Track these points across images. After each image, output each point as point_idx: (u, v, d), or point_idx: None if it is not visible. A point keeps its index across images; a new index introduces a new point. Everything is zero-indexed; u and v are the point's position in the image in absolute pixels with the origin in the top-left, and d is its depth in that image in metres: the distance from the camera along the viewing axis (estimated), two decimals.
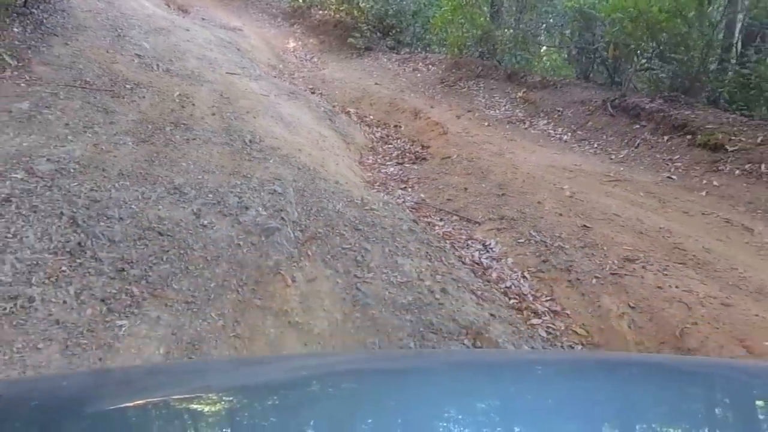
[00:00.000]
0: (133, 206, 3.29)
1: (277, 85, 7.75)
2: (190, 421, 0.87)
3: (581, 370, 1.15)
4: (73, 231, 2.94)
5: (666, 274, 3.46)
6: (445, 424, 0.86)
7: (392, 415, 0.88)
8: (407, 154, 6.40)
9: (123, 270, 2.77)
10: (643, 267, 3.56)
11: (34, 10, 7.32)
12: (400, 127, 7.47)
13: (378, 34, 11.86)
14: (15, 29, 6.58)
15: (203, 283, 2.83)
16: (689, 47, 6.32)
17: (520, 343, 2.84)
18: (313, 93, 8.26)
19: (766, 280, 3.42)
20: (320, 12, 13.62)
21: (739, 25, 7.50)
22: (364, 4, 12.32)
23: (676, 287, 3.31)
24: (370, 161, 6.12)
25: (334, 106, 7.56)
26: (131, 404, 0.91)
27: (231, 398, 0.96)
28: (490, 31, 9.23)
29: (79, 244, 2.86)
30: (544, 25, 8.66)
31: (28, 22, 7.00)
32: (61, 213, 3.06)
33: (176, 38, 8.85)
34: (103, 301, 2.55)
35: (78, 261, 2.75)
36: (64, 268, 2.68)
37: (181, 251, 2.99)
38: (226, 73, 7.58)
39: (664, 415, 0.93)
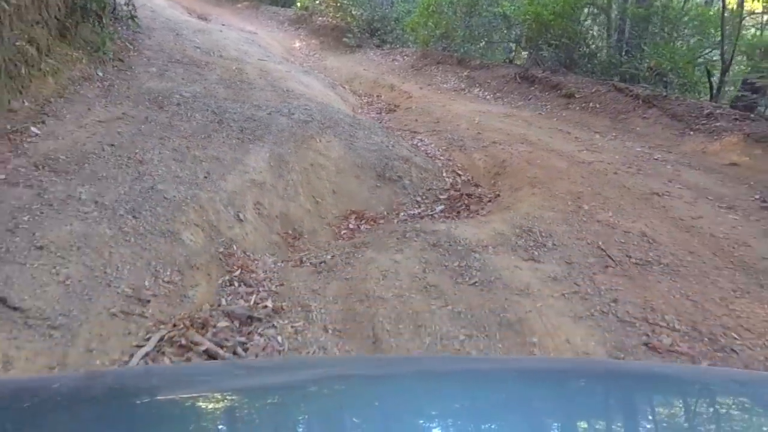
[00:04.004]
0: (237, 110, 6.54)
1: (293, 67, 11.03)
2: (182, 422, 0.90)
3: (571, 377, 1.18)
4: (215, 115, 6.19)
5: (510, 146, 6.73)
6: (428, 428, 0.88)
7: (379, 417, 0.91)
8: (384, 109, 9.68)
9: (242, 130, 6.00)
10: (500, 144, 6.83)
11: (119, 16, 10.54)
12: (381, 96, 10.74)
13: (367, 35, 15.19)
14: (120, 28, 9.82)
15: (278, 138, 6.05)
16: (568, 38, 9.65)
17: (427, 164, 6.10)
18: (318, 73, 11.54)
19: (559, 148, 6.69)
20: (320, 18, 16.89)
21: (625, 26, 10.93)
22: (356, 11, 15.65)
23: (511, 149, 6.58)
24: (359, 113, 9.38)
25: (334, 82, 10.83)
26: (123, 406, 0.93)
27: (222, 400, 0.99)
28: (448, 31, 12.55)
29: (220, 120, 6.10)
30: (485, 26, 11.97)
31: (122, 23, 10.21)
32: (207, 109, 6.31)
33: (216, 37, 12.06)
34: (238, 138, 5.79)
35: (221, 125, 5.99)
36: (216, 127, 5.93)
37: (266, 126, 6.22)
38: (258, 59, 10.78)
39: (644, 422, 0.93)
